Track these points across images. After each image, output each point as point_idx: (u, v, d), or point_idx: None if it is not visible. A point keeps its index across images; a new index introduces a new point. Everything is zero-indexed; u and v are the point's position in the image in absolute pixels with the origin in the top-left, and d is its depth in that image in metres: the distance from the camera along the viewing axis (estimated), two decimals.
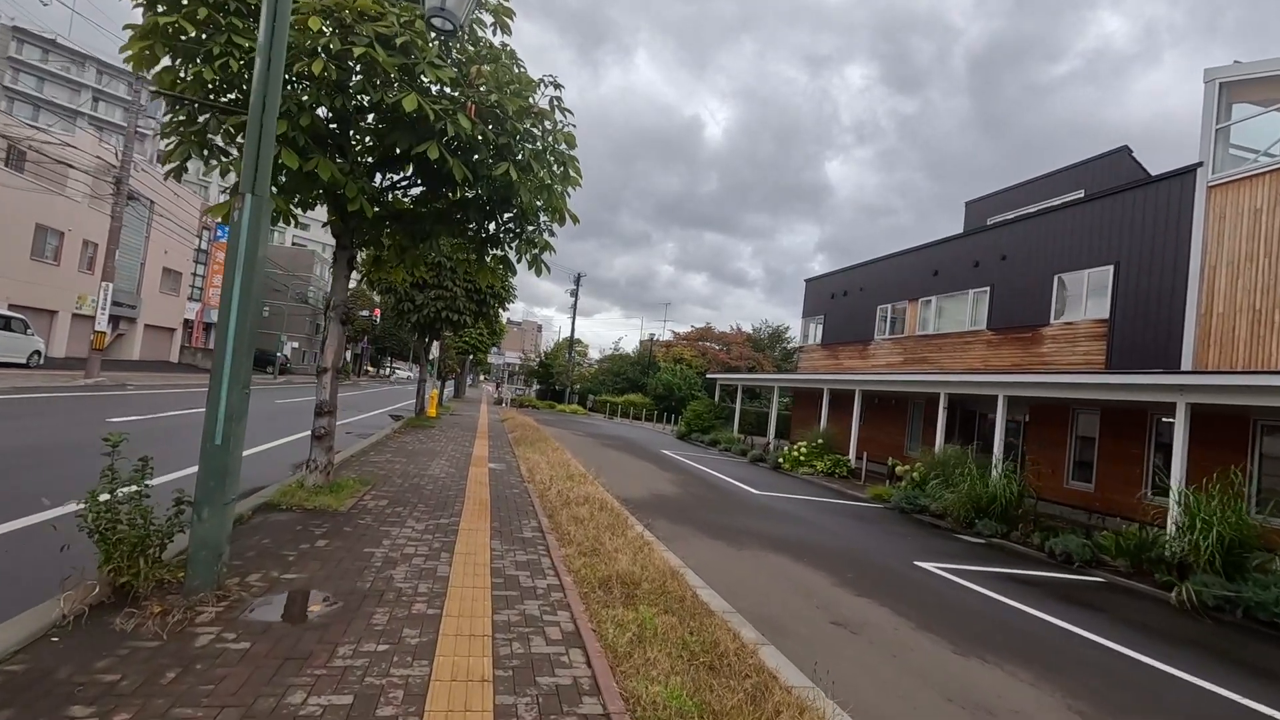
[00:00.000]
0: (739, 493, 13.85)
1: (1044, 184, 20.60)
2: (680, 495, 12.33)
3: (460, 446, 14.23)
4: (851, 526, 11.49)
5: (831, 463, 19.36)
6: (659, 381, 42.64)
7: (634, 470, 15.35)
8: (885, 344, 23.28)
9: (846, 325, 25.97)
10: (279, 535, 5.73)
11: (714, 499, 12.49)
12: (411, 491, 8.41)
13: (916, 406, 21.58)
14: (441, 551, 5.78)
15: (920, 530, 12.06)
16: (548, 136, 7.61)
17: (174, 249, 35.59)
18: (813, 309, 29.04)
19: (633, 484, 12.88)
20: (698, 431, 28.76)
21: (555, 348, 53.86)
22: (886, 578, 7.86)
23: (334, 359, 7.85)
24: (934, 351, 20.68)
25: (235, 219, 4.18)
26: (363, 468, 9.88)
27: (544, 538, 6.67)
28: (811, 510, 12.71)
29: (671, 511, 10.44)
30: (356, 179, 6.72)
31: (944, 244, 21.24)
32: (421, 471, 10.12)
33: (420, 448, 13.21)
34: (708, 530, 9.26)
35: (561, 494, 8.91)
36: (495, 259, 8.99)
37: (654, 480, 14.00)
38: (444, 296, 17.61)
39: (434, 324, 18.21)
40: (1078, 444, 15.66)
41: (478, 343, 36.18)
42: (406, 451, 12.38)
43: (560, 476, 10.52)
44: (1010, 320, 17.79)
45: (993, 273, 18.64)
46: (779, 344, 51.94)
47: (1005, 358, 17.81)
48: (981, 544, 11.29)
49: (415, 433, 16.23)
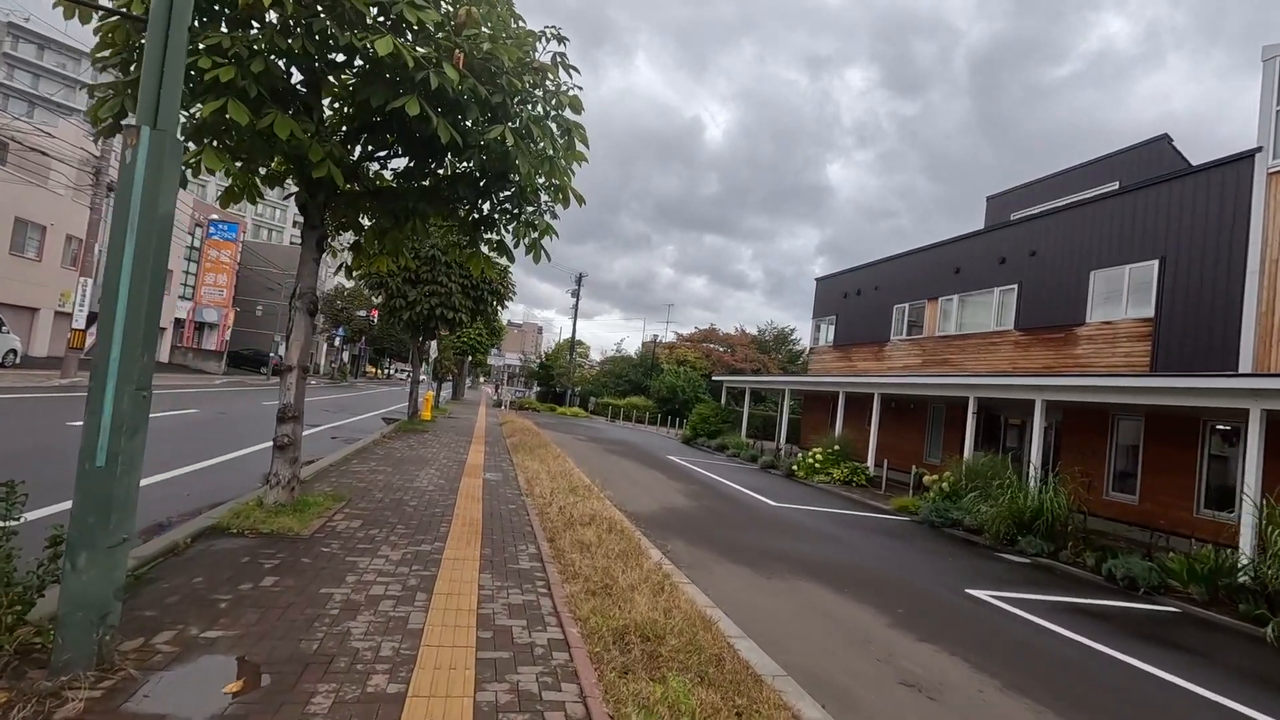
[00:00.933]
0: (755, 505, 12.76)
1: (1074, 176, 19.53)
2: (694, 509, 11.24)
3: (453, 453, 13.14)
4: (883, 544, 10.40)
5: (849, 470, 18.27)
6: (662, 384, 41.56)
7: (641, 480, 14.26)
8: (903, 345, 22.19)
9: (860, 326, 24.88)
10: (217, 571, 4.64)
11: (730, 513, 11.40)
12: (392, 509, 7.32)
13: (937, 411, 20.49)
14: (418, 591, 4.69)
15: (957, 548, 10.96)
16: (550, 99, 6.54)
17: None
18: (824, 309, 27.95)
19: (641, 496, 11.79)
20: (704, 436, 27.68)
21: (556, 349, 52.79)
22: (942, 612, 6.77)
23: (300, 355, 6.77)
24: (956, 353, 19.59)
25: (127, 160, 3.11)
26: (340, 479, 8.79)
27: (544, 569, 5.59)
28: (836, 525, 11.62)
29: (687, 529, 9.35)
30: (323, 141, 5.65)
31: (966, 240, 20.16)
32: (407, 483, 9.03)
33: (409, 455, 12.13)
34: (731, 553, 8.16)
35: (564, 511, 7.82)
36: (490, 244, 7.91)
37: (663, 491, 12.91)
38: (438, 292, 16.55)
39: (428, 322, 17.14)
40: (1118, 452, 14.57)
41: (476, 343, 35.13)
42: (393, 459, 11.29)
43: (562, 489, 9.43)
44: (1041, 320, 16.71)
45: (1021, 270, 17.56)
46: (784, 346, 50.84)
47: (1035, 359, 16.72)
48: (1027, 564, 10.19)
49: (406, 437, 15.15)
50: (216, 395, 22.41)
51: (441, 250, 16.55)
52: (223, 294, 39.95)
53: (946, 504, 13.03)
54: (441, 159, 7.04)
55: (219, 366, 38.37)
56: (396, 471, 9.98)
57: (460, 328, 18.63)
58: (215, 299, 39.44)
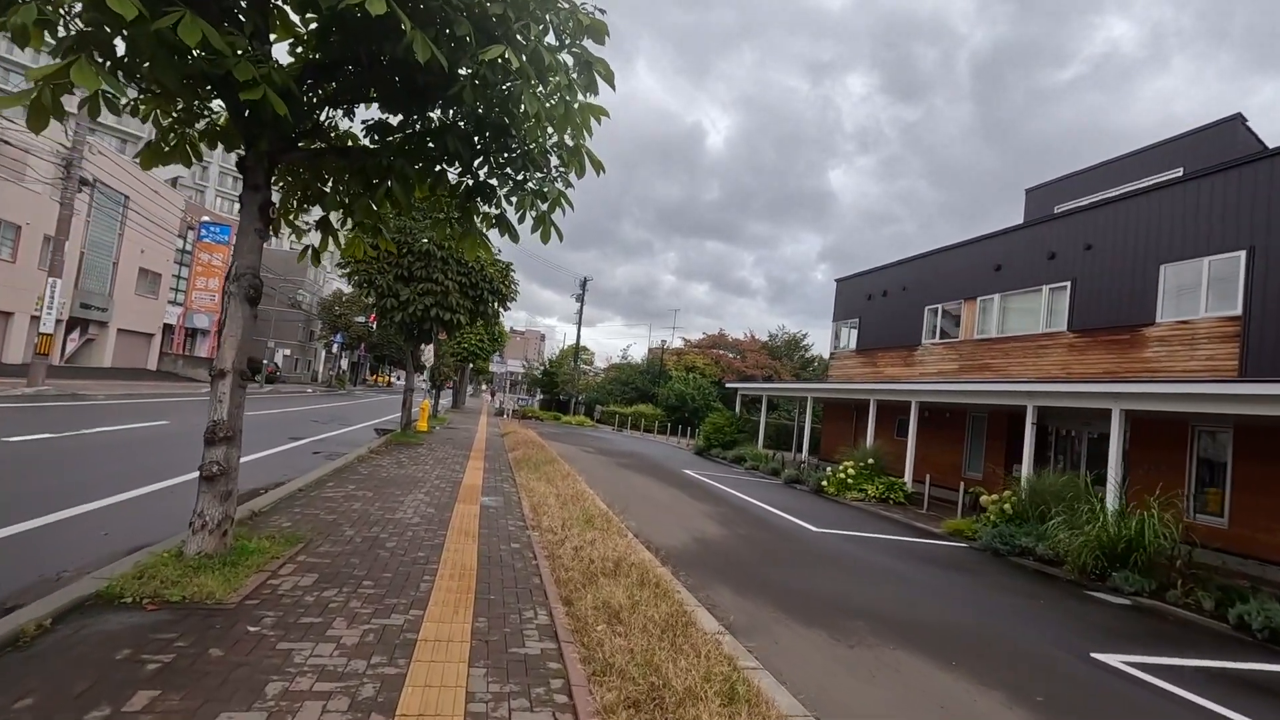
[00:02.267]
0: (794, 531, 11.11)
1: (1128, 165, 17.94)
2: (728, 539, 9.59)
3: (448, 471, 11.53)
4: (956, 583, 8.75)
5: (884, 486, 16.60)
6: (671, 391, 39.91)
7: (661, 500, 12.63)
8: (936, 349, 20.56)
9: (887, 329, 23.26)
10: (62, 684, 3.03)
11: (770, 543, 9.76)
12: (362, 553, 5.71)
13: (976, 421, 18.83)
14: (373, 714, 3.08)
15: (1038, 584, 9.30)
16: (567, 21, 4.97)
17: (152, 249, 33.07)
18: (845, 311, 26.34)
19: (666, 522, 10.16)
20: (718, 447, 26.02)
21: (560, 355, 51.17)
22: (1087, 696, 5.13)
23: (235, 355, 5.17)
24: (998, 357, 17.95)
25: None
26: (306, 510, 7.18)
27: (561, 655, 3.97)
28: (892, 556, 9.96)
29: (729, 569, 7.71)
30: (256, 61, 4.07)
31: (1008, 235, 18.56)
32: (387, 514, 7.42)
33: (397, 474, 10.52)
34: (791, 606, 6.52)
35: (580, 554, 6.20)
36: (487, 220, 6.32)
37: (689, 515, 11.27)
38: (433, 291, 14.97)
39: (422, 323, 15.56)
40: (1200, 468, 12.90)
41: (477, 349, 33.60)
42: (377, 480, 9.68)
43: (576, 520, 7.81)
44: (1100, 320, 15.07)
45: (1074, 265, 15.94)
46: (796, 352, 49.20)
47: (1094, 363, 15.08)
48: (1128, 607, 8.53)
49: (397, 452, 13.55)
50: (198, 405, 20.84)
51: (437, 245, 15.02)
52: (214, 299, 38.44)
53: (1012, 529, 11.37)
54: (424, 106, 5.48)
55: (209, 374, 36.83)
56: (377, 497, 8.37)
57: (458, 330, 17.06)
58: (207, 304, 37.96)
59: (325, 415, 23.11)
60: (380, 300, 15.28)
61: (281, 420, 19.02)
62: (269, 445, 13.11)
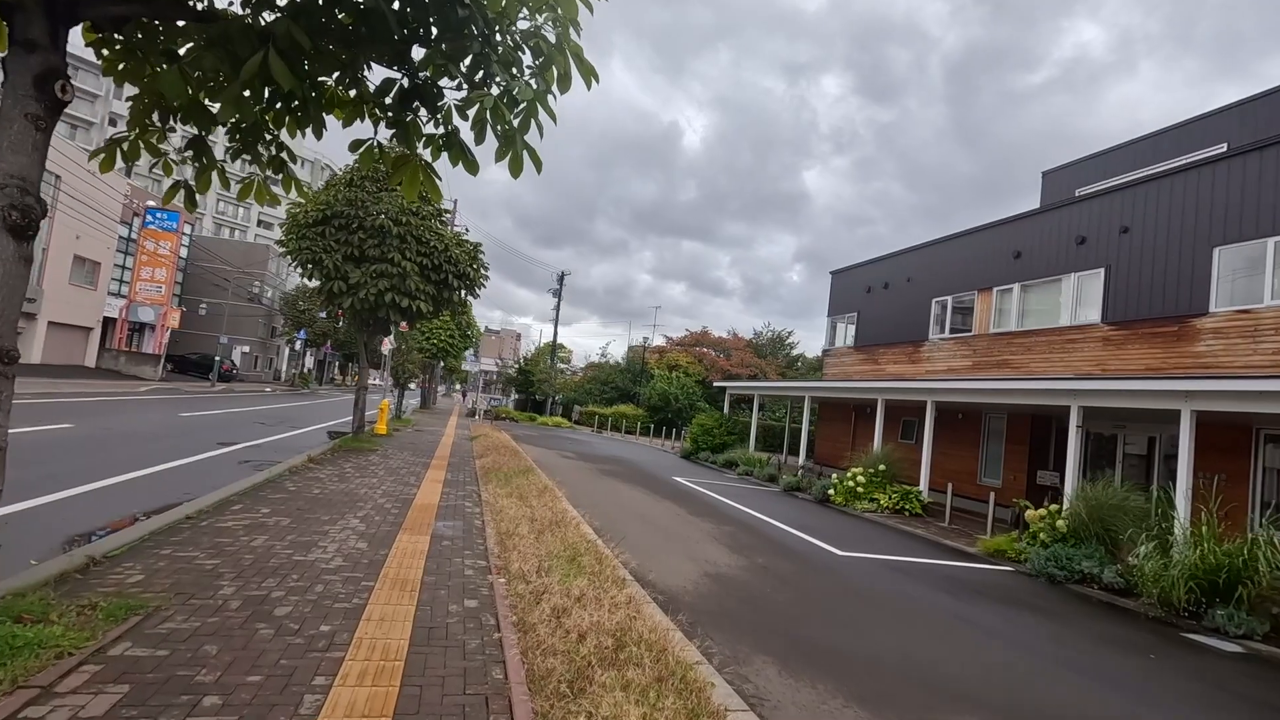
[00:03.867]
0: (817, 556, 9.29)
1: (1161, 142, 16.52)
2: (747, 573, 7.72)
3: (399, 485, 9.51)
4: (1041, 633, 7.00)
5: (898, 496, 14.91)
6: (654, 391, 38.03)
7: (657, 519, 10.74)
8: (945, 344, 18.97)
9: (888, 323, 21.65)
10: None
11: (797, 576, 7.91)
12: (225, 635, 3.71)
13: (994, 423, 17.26)
14: None
15: (1120, 624, 7.59)
16: None
17: (89, 235, 30.28)
18: (842, 305, 24.71)
19: (668, 551, 8.26)
20: (707, 450, 24.22)
21: (536, 353, 49.00)
22: None
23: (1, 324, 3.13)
24: (1019, 352, 16.38)
25: None
26: (181, 551, 5.14)
27: None
28: (942, 590, 8.19)
29: (762, 626, 5.84)
30: None
31: (1029, 219, 17.00)
32: (298, 555, 5.42)
33: (333, 491, 8.48)
34: (865, 691, 4.67)
35: (565, 621, 4.27)
36: (433, 143, 4.32)
37: (693, 538, 9.39)
38: (389, 274, 12.88)
39: (376, 311, 13.46)
40: (1266, 478, 11.38)
41: (446, 345, 31.38)
42: (303, 500, 7.64)
43: (557, 556, 5.88)
44: (1140, 310, 13.53)
45: (1108, 250, 14.41)
46: (781, 349, 47.66)
47: (1134, 358, 13.54)
48: (1241, 657, 6.85)
49: (343, 461, 11.47)
50: (123, 406, 18.45)
51: (393, 219, 12.95)
52: (161, 290, 35.66)
53: (1068, 550, 9.68)
54: None
55: (155, 372, 34.07)
56: (295, 526, 6.34)
57: (420, 320, 14.98)
58: (153, 296, 35.16)
59: (275, 417, 20.81)
60: (327, 283, 13.15)
61: (220, 423, 16.75)
62: (186, 453, 10.95)
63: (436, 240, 13.61)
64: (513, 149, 3.87)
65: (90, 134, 70.30)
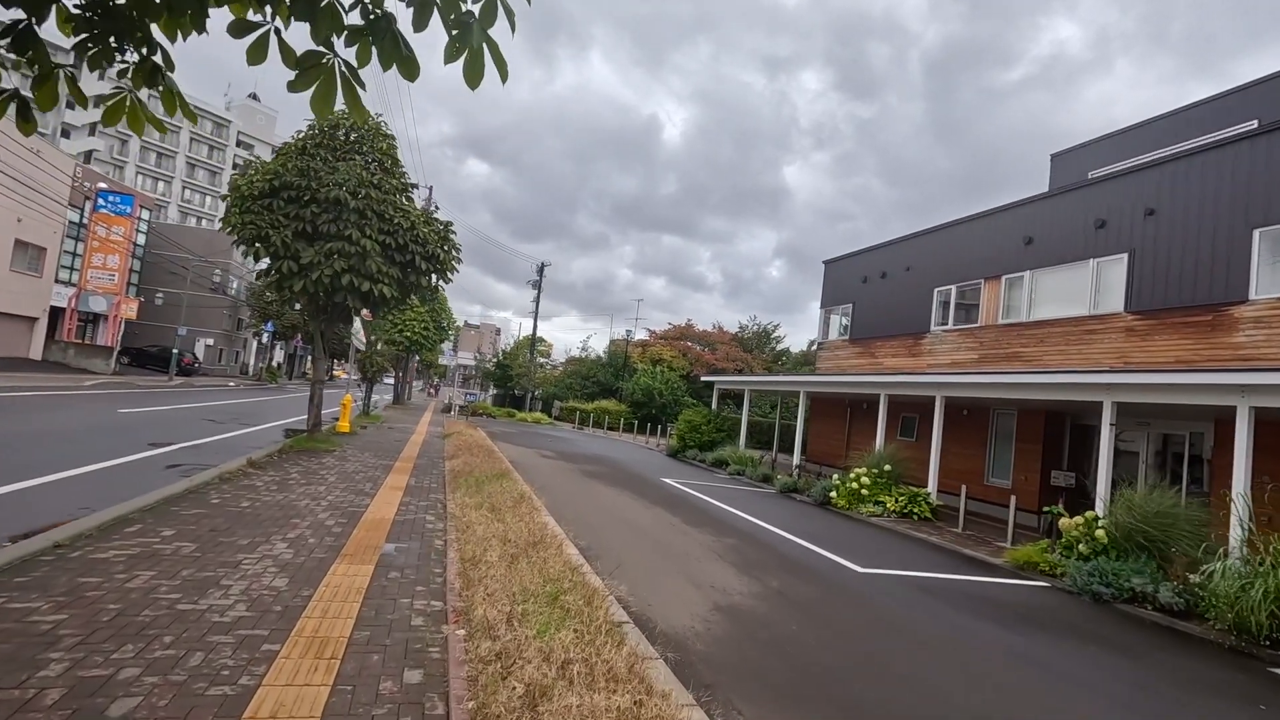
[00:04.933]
0: (837, 576, 8.08)
1: (1183, 121, 15.58)
2: (763, 602, 6.47)
3: (350, 494, 8.13)
4: (1114, 670, 5.84)
5: (905, 499, 13.80)
6: (636, 386, 36.72)
7: (649, 529, 9.46)
8: (949, 337, 17.93)
9: (886, 315, 20.59)
10: None
11: (821, 605, 6.69)
12: None
13: (1003, 419, 16.24)
14: None
15: (1201, 658, 6.48)
16: None
17: (32, 218, 28.17)
18: (836, 296, 23.61)
19: (667, 575, 6.99)
20: (695, 448, 23.00)
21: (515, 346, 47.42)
22: None
23: None
24: (1031, 344, 15.36)
25: None
26: (29, 592, 3.76)
27: None
28: (984, 616, 7.03)
29: (789, 678, 4.59)
30: None
31: (1041, 202, 15.97)
32: (183, 602, 4.05)
33: (266, 503, 7.08)
34: None
35: (542, 698, 2.97)
36: (359, 38, 2.92)
37: (693, 555, 8.13)
38: (345, 252, 11.41)
39: (333, 296, 11.99)
40: None
41: (421, 337, 29.83)
42: (223, 517, 6.24)
43: (534, 594, 4.57)
44: (1169, 298, 12.53)
45: (1131, 234, 13.40)
46: (768, 344, 46.61)
47: (1162, 350, 12.54)
48: None
49: (291, 464, 10.03)
50: (56, 402, 16.74)
51: (350, 192, 11.48)
52: (114, 279, 33.52)
53: (1115, 565, 8.59)
54: None
55: (108, 365, 32.01)
56: (198, 556, 4.97)
57: (385, 308, 13.52)
58: (105, 284, 33.04)
59: (230, 413, 19.19)
60: (276, 263, 11.66)
61: (162, 420, 15.15)
62: (105, 456, 9.45)
63: (401, 217, 12.17)
64: (468, 45, 2.58)
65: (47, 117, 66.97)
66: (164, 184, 77.69)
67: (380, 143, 12.66)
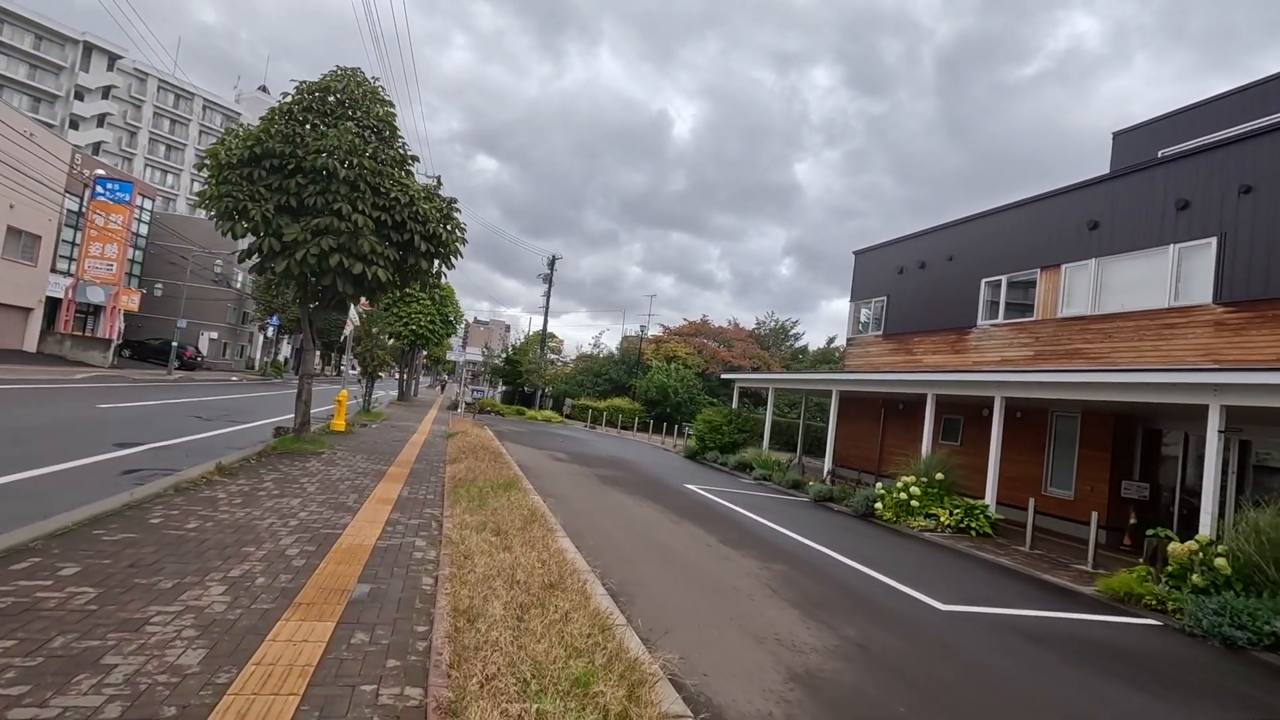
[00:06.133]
0: (914, 614, 6.65)
1: (1264, 92, 13.96)
2: (840, 660, 5.05)
3: (329, 509, 6.77)
4: None
5: (960, 512, 12.32)
6: (651, 383, 35.30)
7: (684, 552, 8.06)
8: (999, 332, 16.40)
9: (926, 309, 19.07)
10: None
11: (912, 663, 5.25)
12: None
13: (1063, 423, 14.70)
14: None
15: None
16: None
17: (26, 205, 27.10)
18: (868, 289, 22.10)
19: (715, 618, 5.58)
20: (715, 449, 21.58)
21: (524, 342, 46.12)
22: None
23: None
24: (1096, 340, 13.82)
25: None
26: None
27: None
28: (1111, 675, 5.58)
29: None
30: None
31: (1108, 183, 14.41)
32: (25, 705, 2.68)
33: (220, 522, 5.73)
34: None
35: None
36: None
37: (741, 588, 6.72)
38: (334, 229, 10.06)
39: (321, 279, 10.65)
40: None
41: (427, 330, 28.55)
42: (156, 544, 4.89)
43: (555, 676, 3.17)
44: (1269, 287, 10.98)
45: (1221, 215, 11.84)
46: (785, 341, 45.04)
47: (1259, 346, 11.00)
48: None
49: (270, 469, 8.70)
50: (32, 396, 15.56)
51: (340, 160, 10.12)
52: (112, 269, 32.45)
53: (1251, 604, 7.10)
54: None
55: (105, 358, 30.94)
56: (95, 610, 3.61)
57: (381, 293, 12.16)
58: (103, 275, 31.97)
59: (221, 409, 17.95)
60: (259, 240, 10.33)
61: (142, 417, 13.90)
62: (55, 459, 8.17)
63: (399, 191, 10.80)
64: None
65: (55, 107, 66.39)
66: (173, 176, 77.12)
67: (377, 108, 11.29)
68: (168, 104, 76.63)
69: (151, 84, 74.43)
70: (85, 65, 67.83)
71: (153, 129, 75.54)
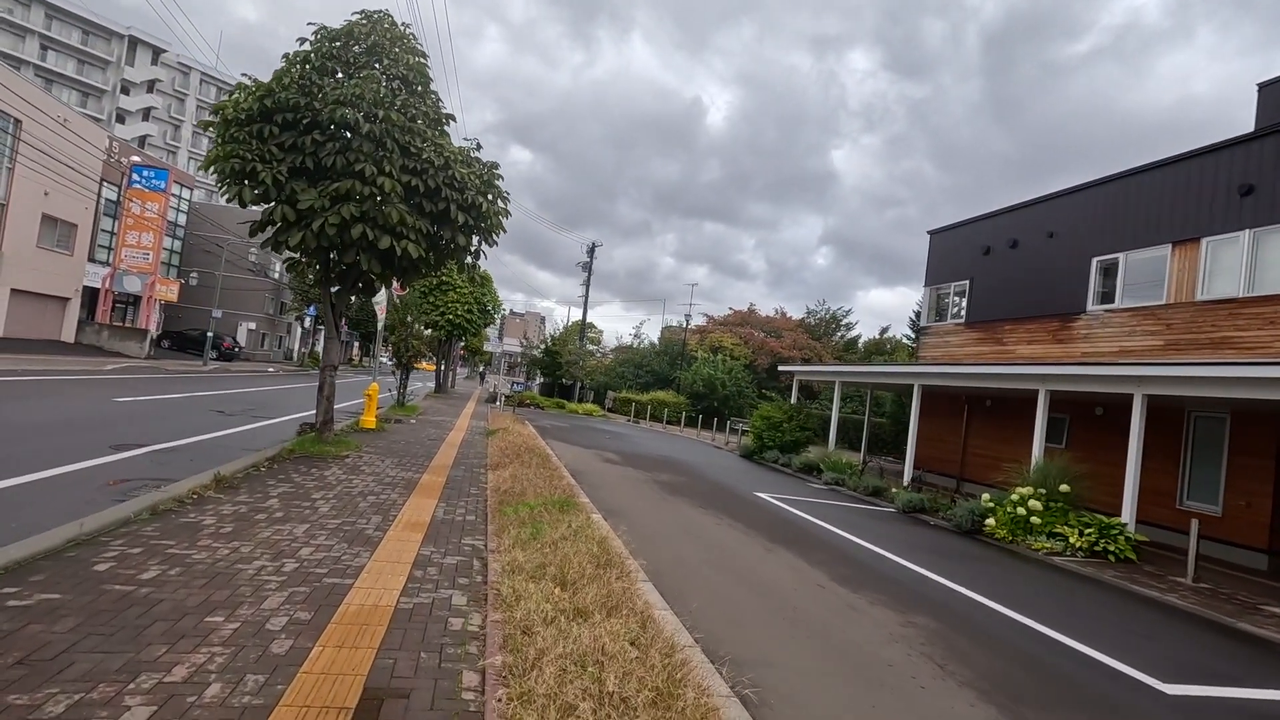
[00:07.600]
0: (1134, 703, 4.79)
1: None
2: None
3: (342, 540, 5.20)
4: None
5: (1094, 532, 10.28)
6: (696, 376, 33.49)
7: (797, 600, 6.32)
8: (1115, 318, 14.18)
9: (1019, 292, 16.88)
10: None
11: None
12: None
13: (1205, 424, 12.48)
14: None
15: None
16: None
17: (61, 193, 26.52)
18: (946, 272, 19.92)
19: None
20: (774, 449, 19.71)
21: (564, 333, 44.74)
22: None
23: None
24: (1251, 325, 11.58)
25: None
26: None
27: None
28: None
29: None
30: None
31: (1261, 140, 12.07)
32: None
33: (196, 564, 4.18)
34: None
35: None
36: None
37: (895, 664, 4.97)
38: (357, 194, 8.52)
39: (343, 254, 9.14)
40: None
41: (464, 320, 27.25)
42: (77, 614, 3.34)
43: None
44: None
45: None
46: (836, 331, 42.71)
47: None
48: None
49: (280, 479, 7.22)
50: (51, 388, 14.52)
51: (364, 113, 8.55)
52: (149, 258, 31.93)
53: None
54: None
55: (141, 348, 30.44)
56: None
57: (413, 273, 10.59)
58: (139, 264, 31.45)
59: (248, 403, 16.80)
60: (270, 210, 8.85)
61: (159, 413, 12.69)
62: (36, 464, 6.83)
63: (432, 152, 9.20)
64: None
65: (102, 101, 67.30)
66: None
67: (406, 57, 9.70)
68: (210, 97, 77.16)
69: (194, 77, 75.06)
70: (130, 59, 68.54)
71: (195, 123, 76.30)
